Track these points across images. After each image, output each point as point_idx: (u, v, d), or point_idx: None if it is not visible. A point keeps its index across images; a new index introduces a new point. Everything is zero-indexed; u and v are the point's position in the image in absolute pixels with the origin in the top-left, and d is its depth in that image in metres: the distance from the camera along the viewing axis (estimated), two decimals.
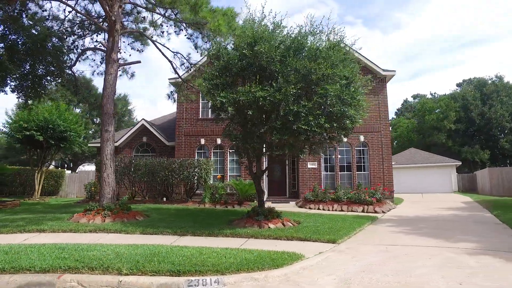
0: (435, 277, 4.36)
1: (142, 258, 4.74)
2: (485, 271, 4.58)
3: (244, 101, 6.71)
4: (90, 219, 8.10)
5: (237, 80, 7.27)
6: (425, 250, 5.81)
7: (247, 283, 4.30)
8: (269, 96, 6.53)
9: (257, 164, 8.77)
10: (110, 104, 9.09)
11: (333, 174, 15.23)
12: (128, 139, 16.82)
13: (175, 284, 4.17)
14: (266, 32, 7.00)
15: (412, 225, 8.80)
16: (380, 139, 15.10)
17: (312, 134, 6.85)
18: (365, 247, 6.14)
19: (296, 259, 5.04)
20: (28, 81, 13.40)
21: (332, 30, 7.96)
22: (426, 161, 29.38)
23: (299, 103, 6.57)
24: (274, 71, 6.97)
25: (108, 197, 8.87)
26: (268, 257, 4.95)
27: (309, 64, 6.55)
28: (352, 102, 7.19)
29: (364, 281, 4.27)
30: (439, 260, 5.17)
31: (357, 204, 12.50)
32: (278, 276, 4.50)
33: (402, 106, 54.43)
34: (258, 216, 8.14)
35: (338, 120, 7.18)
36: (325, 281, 4.33)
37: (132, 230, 7.38)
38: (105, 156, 8.93)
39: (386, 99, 15.47)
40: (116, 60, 9.17)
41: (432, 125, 34.56)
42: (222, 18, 8.24)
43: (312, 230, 7.29)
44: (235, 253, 5.18)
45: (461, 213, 11.27)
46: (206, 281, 4.23)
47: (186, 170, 13.20)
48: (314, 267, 4.91)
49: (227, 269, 4.47)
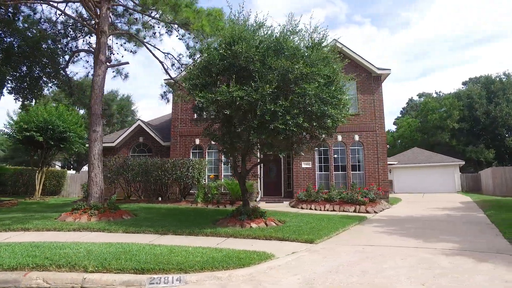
0: (401, 278, 4.31)
1: (110, 256, 4.80)
2: (455, 271, 4.51)
3: (222, 101, 6.72)
4: (76, 218, 8.22)
5: (217, 80, 7.29)
6: (402, 251, 5.74)
7: (210, 281, 4.32)
8: (246, 95, 6.54)
9: (242, 164, 8.78)
10: (98, 105, 9.21)
11: (328, 174, 15.15)
12: (125, 139, 17.01)
13: (137, 282, 4.21)
14: (244, 32, 7.00)
15: (399, 225, 8.70)
16: (375, 139, 14.97)
17: (291, 133, 6.83)
18: (342, 247, 6.09)
19: (265, 258, 5.04)
20: (25, 83, 13.68)
21: (315, 29, 7.93)
22: (428, 160, 29.00)
23: (276, 102, 6.56)
24: (253, 71, 6.96)
25: (96, 196, 8.99)
26: (236, 257, 4.96)
27: (286, 63, 6.53)
28: (332, 101, 7.13)
29: (327, 281, 4.25)
30: (413, 260, 5.11)
31: (349, 204, 12.42)
32: (242, 275, 4.50)
33: (407, 105, 53.84)
34: (241, 215, 8.15)
35: (318, 119, 7.14)
36: (288, 281, 4.32)
37: (115, 229, 7.47)
38: (92, 156, 9.05)
39: (381, 97, 15.33)
40: (104, 61, 9.28)
41: (436, 124, 34.10)
42: (206, 18, 8.27)
43: (292, 230, 7.26)
44: (204, 252, 5.21)
45: (454, 213, 11.10)
46: (168, 279, 4.26)
47: (178, 170, 13.28)
48: (282, 267, 4.90)
49: (192, 267, 4.49)
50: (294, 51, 6.93)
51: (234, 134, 7.11)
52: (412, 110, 48.96)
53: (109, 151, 16.83)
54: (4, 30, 11.77)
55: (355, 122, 15.21)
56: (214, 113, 7.46)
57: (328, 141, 15.22)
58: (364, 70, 15.55)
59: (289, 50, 7.01)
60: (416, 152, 31.54)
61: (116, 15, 12.48)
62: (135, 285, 4.19)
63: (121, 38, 13.02)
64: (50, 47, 12.79)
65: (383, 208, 12.63)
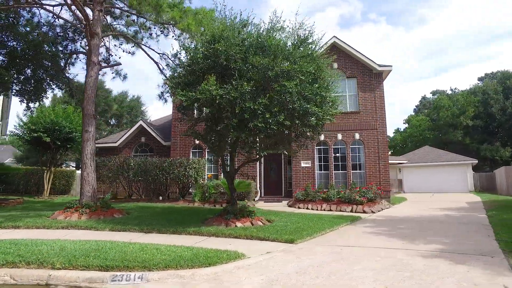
0: (367, 280, 4.17)
1: (80, 253, 4.86)
2: (425, 274, 4.33)
3: (203, 100, 6.71)
4: (67, 216, 8.41)
5: (204, 78, 7.27)
6: (381, 252, 5.56)
7: (172, 280, 4.31)
8: (226, 94, 6.50)
9: (230, 163, 8.75)
10: (91, 106, 9.38)
11: (328, 173, 14.92)
12: (127, 139, 17.29)
13: (100, 279, 4.25)
14: (225, 30, 6.96)
15: (392, 226, 8.45)
16: (376, 137, 14.63)
17: (272, 131, 6.75)
18: (320, 248, 5.97)
19: (234, 258, 4.99)
20: (30, 86, 14.11)
21: (301, 25, 7.81)
22: (440, 159, 28.15)
23: (256, 100, 6.49)
24: (234, 69, 6.92)
25: (88, 195, 9.17)
26: (205, 256, 4.93)
27: (265, 60, 6.45)
28: (316, 99, 7.00)
29: (289, 282, 4.16)
30: (387, 262, 4.94)
31: (347, 203, 12.19)
32: (207, 274, 4.47)
33: (420, 103, 52.47)
34: (228, 214, 8.12)
35: (301, 117, 7.02)
36: (250, 281, 4.25)
37: (102, 227, 7.59)
38: (85, 156, 9.23)
39: (382, 95, 14.96)
40: (96, 63, 9.44)
41: (448, 122, 33.04)
42: (192, 17, 8.28)
43: (276, 230, 7.18)
44: (175, 250, 5.20)
45: (454, 214, 10.70)
46: (130, 277, 4.28)
47: (176, 169, 13.39)
48: (250, 267, 4.83)
49: (156, 265, 4.50)
50: (275, 48, 6.83)
51: (217, 133, 7.08)
52: (425, 108, 47.67)
53: (112, 151, 17.17)
54: (6, 35, 12.17)
55: (355, 120, 14.94)
56: (197, 111, 7.45)
57: (328, 140, 15.01)
58: (365, 67, 15.22)
59: (270, 47, 6.92)
60: (427, 151, 30.68)
61: (114, 17, 12.68)
62: (97, 282, 4.24)
63: (119, 39, 13.22)
64: (51, 49, 13.14)
65: (382, 208, 12.32)
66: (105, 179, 14.27)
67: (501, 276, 4.15)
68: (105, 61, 13.16)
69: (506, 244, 5.89)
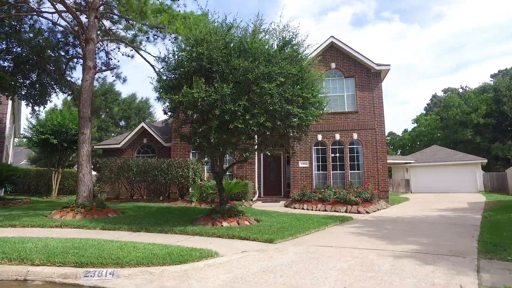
0: (329, 280, 4.23)
1: (60, 250, 5.11)
2: (388, 274, 4.36)
3: (185, 102, 6.90)
4: (63, 215, 8.76)
5: (184, 82, 7.47)
6: (355, 252, 5.60)
7: (141, 276, 4.49)
8: (207, 96, 6.66)
9: (220, 163, 8.92)
10: (86, 109, 9.73)
11: (326, 173, 14.90)
12: (130, 141, 17.72)
13: (73, 274, 4.47)
14: (207, 34, 7.12)
15: (378, 226, 8.44)
16: (374, 137, 14.52)
17: (253, 133, 6.87)
18: (296, 248, 6.04)
19: (206, 256, 5.14)
20: (36, 90, 14.67)
21: (285, 27, 7.90)
22: (448, 159, 27.58)
23: (236, 102, 6.63)
24: (216, 72, 7.08)
25: (84, 195, 9.50)
26: (178, 254, 5.10)
27: (245, 63, 6.58)
28: (298, 100, 7.08)
29: (252, 280, 4.27)
30: (356, 262, 4.98)
31: (342, 204, 12.18)
32: (176, 271, 4.63)
33: (431, 101, 51.48)
34: (215, 214, 8.28)
35: (283, 118, 7.12)
36: (216, 278, 4.39)
37: (93, 226, 7.89)
38: (81, 157, 9.57)
39: (381, 94, 14.84)
40: (91, 67, 9.78)
41: (458, 120, 32.31)
42: (181, 22, 8.49)
43: (259, 230, 7.29)
44: (151, 248, 5.39)
45: (449, 215, 10.55)
46: (101, 273, 4.49)
47: (174, 170, 13.66)
48: (221, 265, 4.97)
49: (129, 262, 4.69)
50: (256, 51, 6.95)
51: (200, 135, 7.26)
52: (436, 107, 46.74)
53: (115, 152, 17.63)
54: (11, 42, 12.70)
55: (353, 120, 14.88)
56: (184, 114, 7.65)
57: (326, 140, 15.00)
58: (363, 67, 15.14)
59: (252, 50, 7.05)
60: (435, 150, 30.11)
61: (113, 22, 13.05)
62: (71, 277, 4.46)
63: (119, 43, 13.58)
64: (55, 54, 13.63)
65: (378, 209, 12.25)
66: (107, 180, 14.68)
67: (461, 276, 4.15)
68: (105, 64, 13.57)
69: (484, 244, 5.83)
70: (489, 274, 4.26)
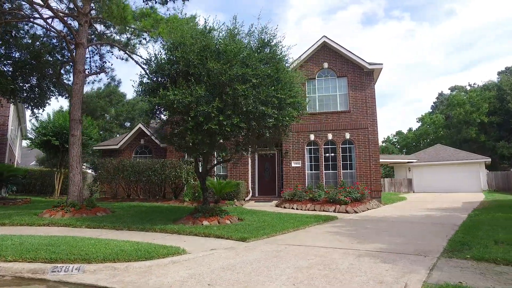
0: (282, 277, 4.33)
1: (34, 247, 5.35)
2: (342, 272, 4.45)
3: (163, 105, 7.10)
4: (52, 214, 9.07)
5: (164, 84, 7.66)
6: (320, 251, 5.69)
7: (106, 272, 4.69)
8: (182, 98, 6.85)
9: (204, 163, 9.10)
10: (77, 111, 10.03)
11: (318, 173, 14.95)
12: (128, 141, 18.08)
13: (41, 270, 4.70)
14: (184, 38, 7.30)
15: (358, 226, 8.49)
16: (367, 136, 14.50)
17: (228, 134, 7.02)
18: (266, 246, 6.16)
19: (173, 253, 5.31)
20: (35, 93, 15.13)
21: (263, 30, 8.03)
22: (451, 158, 27.23)
23: (210, 103, 6.79)
24: (192, 74, 7.26)
25: (74, 195, 9.81)
26: (146, 250, 5.29)
27: (217, 65, 6.74)
28: (272, 101, 7.20)
29: (209, 277, 4.42)
30: (317, 261, 5.06)
31: (331, 204, 12.23)
32: (140, 267, 4.82)
33: (437, 99, 50.74)
34: (197, 213, 8.47)
35: (258, 119, 7.25)
36: (176, 275, 4.55)
37: (79, 224, 8.17)
38: (71, 158, 9.88)
39: (373, 94, 14.81)
40: (81, 71, 10.09)
41: (462, 119, 31.82)
42: (164, 26, 8.71)
43: (236, 228, 7.44)
44: (122, 245, 5.59)
45: (436, 214, 10.50)
46: (68, 268, 4.71)
47: (167, 170, 13.92)
48: (186, 262, 5.14)
49: (96, 258, 4.90)
50: (229, 53, 7.10)
51: (177, 135, 7.45)
52: (442, 105, 46.08)
53: (113, 153, 18.01)
54: (10, 47, 13.15)
55: (346, 119, 14.89)
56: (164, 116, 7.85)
57: (319, 140, 15.05)
58: (356, 66, 15.13)
59: (226, 53, 7.20)
60: (438, 149, 29.74)
61: (107, 26, 13.38)
62: (39, 272, 4.68)
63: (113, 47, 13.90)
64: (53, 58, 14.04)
65: (368, 208, 12.26)
66: (103, 180, 15.05)
67: (412, 274, 4.21)
68: (99, 68, 13.92)
69: (453, 243, 5.86)
70: (440, 272, 4.31)
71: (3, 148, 17.49)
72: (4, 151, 17.50)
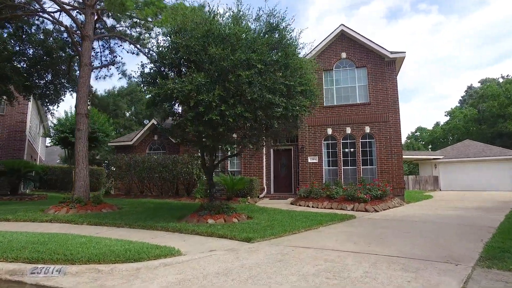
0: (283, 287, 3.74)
1: (21, 246, 5.02)
2: (353, 282, 3.77)
3: (162, 94, 6.63)
4: (57, 210, 8.89)
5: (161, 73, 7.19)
6: (332, 255, 5.01)
7: (89, 274, 4.25)
8: (181, 87, 6.34)
9: (210, 158, 8.59)
10: (83, 105, 9.81)
11: (336, 169, 14.10)
12: (141, 138, 17.96)
13: (20, 271, 4.32)
14: (185, 23, 6.78)
15: (378, 226, 7.68)
16: (388, 130, 13.49)
17: (232, 125, 6.45)
18: (272, 248, 5.54)
19: (166, 255, 4.81)
20: (50, 90, 15.24)
21: (271, 13, 7.37)
22: (482, 154, 25.34)
23: (210, 92, 6.24)
24: (194, 62, 6.74)
25: (81, 190, 9.61)
26: (137, 251, 4.82)
27: (219, 50, 6.16)
28: (280, 88, 6.55)
29: (199, 283, 3.88)
30: (326, 267, 4.40)
31: (349, 201, 11.40)
32: (127, 270, 4.35)
33: (466, 93, 47.86)
34: (202, 211, 7.98)
35: (264, 109, 6.62)
36: (163, 280, 4.04)
37: (80, 221, 7.90)
38: (77, 153, 9.68)
39: (395, 84, 13.74)
40: (87, 64, 9.85)
41: (495, 112, 29.59)
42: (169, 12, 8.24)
43: (243, 228, 6.87)
44: (113, 244, 5.17)
45: (467, 214, 9.44)
46: (48, 270, 4.30)
47: (179, 167, 13.57)
48: (178, 265, 4.62)
49: (80, 259, 4.49)
50: (232, 38, 6.50)
51: (180, 128, 6.96)
52: (472, 99, 43.36)
53: (128, 149, 17.95)
54: (24, 43, 13.22)
55: (365, 112, 13.93)
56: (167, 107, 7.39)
57: (336, 134, 14.20)
58: (376, 55, 14.11)
59: (230, 37, 6.61)
60: (467, 145, 27.83)
61: (116, 19, 13.15)
62: (17, 274, 4.31)
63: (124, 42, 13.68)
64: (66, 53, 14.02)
65: (389, 207, 11.33)
66: (116, 176, 14.95)
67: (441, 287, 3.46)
68: (110, 62, 13.75)
69: (490, 249, 4.99)
70: (477, 286, 3.53)
71: (22, 145, 17.86)
72: (23, 147, 17.86)
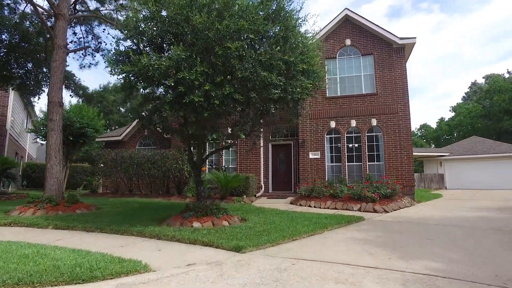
0: None
1: None
2: None
3: (136, 72, 5.48)
4: (22, 211, 7.77)
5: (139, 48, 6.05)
6: (344, 272, 3.89)
7: None
8: (158, 64, 5.19)
9: (198, 151, 7.46)
10: (56, 92, 8.67)
11: (340, 166, 12.98)
12: (131, 132, 16.83)
13: None
14: None
15: (394, 231, 6.57)
16: (397, 123, 12.35)
17: (219, 109, 5.31)
18: (267, 260, 4.42)
19: (127, 272, 3.68)
20: (30, 79, 14.07)
21: None
22: (490, 151, 24.24)
23: (193, 68, 5.09)
24: (176, 34, 5.60)
25: (52, 188, 8.49)
26: (89, 267, 3.69)
27: (202, 18, 5.02)
28: (278, 65, 5.41)
29: None
30: (331, 285, 3.30)
31: (355, 201, 10.28)
32: None
33: (470, 89, 46.72)
34: (187, 212, 6.85)
35: (258, 89, 5.48)
36: None
37: (45, 225, 6.78)
38: (49, 147, 8.55)
39: (404, 73, 12.59)
40: (61, 46, 8.70)
41: (503, 107, 28.46)
42: None
43: (232, 233, 5.75)
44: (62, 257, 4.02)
45: (492, 216, 8.33)
46: None
47: (168, 163, 12.44)
48: (142, 286, 3.49)
49: (6, 281, 3.35)
50: (221, 3, 5.35)
51: (157, 113, 5.82)
52: (476, 95, 42.23)
53: (117, 145, 16.82)
54: None
55: (372, 103, 12.79)
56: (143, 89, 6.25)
57: (340, 127, 13.06)
58: (383, 42, 12.96)
59: (217, 3, 5.46)
60: (474, 141, 26.71)
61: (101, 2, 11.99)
62: None
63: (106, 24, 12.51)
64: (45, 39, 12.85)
65: (400, 207, 10.21)
66: (101, 173, 13.83)
67: None
68: (95, 49, 12.60)
69: None
70: None
71: (1, 141, 16.69)
72: (2, 143, 16.70)
